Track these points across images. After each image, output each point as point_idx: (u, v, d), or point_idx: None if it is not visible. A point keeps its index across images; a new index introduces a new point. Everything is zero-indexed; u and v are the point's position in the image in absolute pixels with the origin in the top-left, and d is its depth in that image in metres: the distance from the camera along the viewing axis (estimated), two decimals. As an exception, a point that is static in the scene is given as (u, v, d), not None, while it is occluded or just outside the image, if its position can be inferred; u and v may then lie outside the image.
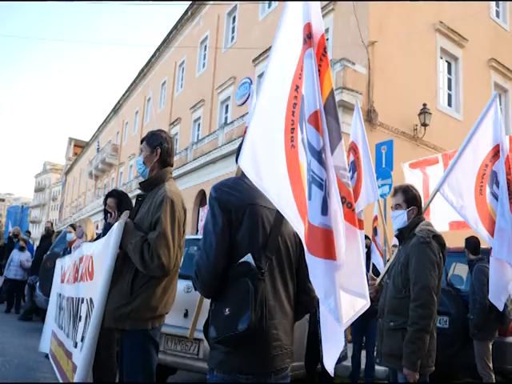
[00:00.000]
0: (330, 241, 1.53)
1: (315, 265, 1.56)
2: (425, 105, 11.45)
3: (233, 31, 19.25)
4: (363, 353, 5.45)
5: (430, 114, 11.52)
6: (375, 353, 3.18)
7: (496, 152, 3.49)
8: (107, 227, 2.98)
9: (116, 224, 2.48)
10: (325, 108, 1.64)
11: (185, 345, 4.08)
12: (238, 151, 1.84)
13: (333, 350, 1.72)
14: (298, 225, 1.69)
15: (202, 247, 1.72)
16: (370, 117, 10.81)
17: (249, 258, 1.67)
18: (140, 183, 2.69)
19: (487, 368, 4.73)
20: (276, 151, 1.73)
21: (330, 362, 1.72)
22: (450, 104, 13.60)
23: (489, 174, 3.50)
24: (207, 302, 1.82)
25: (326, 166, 1.56)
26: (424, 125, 11.51)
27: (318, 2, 1.80)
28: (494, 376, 4.73)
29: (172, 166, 2.74)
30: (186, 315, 4.02)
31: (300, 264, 1.80)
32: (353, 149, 4.46)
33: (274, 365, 1.69)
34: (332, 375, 1.77)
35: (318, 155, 1.57)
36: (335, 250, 1.53)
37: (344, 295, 1.59)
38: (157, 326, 2.49)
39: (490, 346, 4.78)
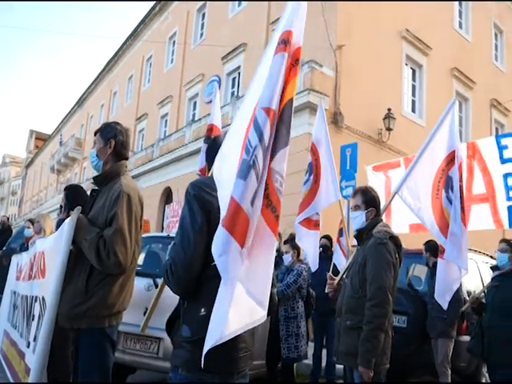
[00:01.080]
0: (245, 227, 1.52)
1: (222, 236, 1.52)
2: (389, 110, 11.72)
3: (202, 28, 19.10)
4: (324, 351, 5.52)
5: (395, 118, 11.81)
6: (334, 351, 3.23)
7: (452, 158, 3.61)
8: (59, 223, 2.87)
9: (67, 220, 2.38)
10: (281, 113, 1.66)
11: (144, 344, 4.01)
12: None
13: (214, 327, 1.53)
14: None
15: (178, 243, 1.69)
16: (336, 119, 10.96)
17: None
18: (94, 177, 2.60)
19: (447, 366, 4.92)
20: (236, 155, 1.72)
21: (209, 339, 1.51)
22: (413, 110, 13.98)
23: (445, 178, 3.62)
24: (165, 299, 1.78)
25: (264, 161, 1.59)
26: (388, 129, 11.78)
27: (304, 15, 1.86)
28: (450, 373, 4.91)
29: (127, 159, 2.67)
30: (145, 313, 3.95)
31: None
32: (312, 150, 4.49)
33: (239, 365, 1.74)
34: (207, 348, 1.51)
35: (263, 144, 1.58)
36: (245, 239, 1.52)
37: (246, 299, 1.54)
38: (114, 324, 2.43)
39: (452, 345, 4.96)
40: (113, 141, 2.55)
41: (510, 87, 17.59)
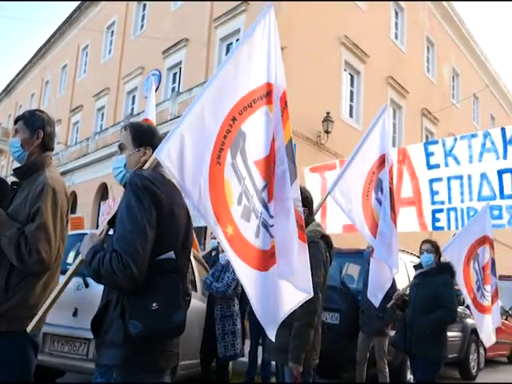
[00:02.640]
0: (255, 254, 2.10)
1: (239, 266, 2.05)
2: (328, 113, 12.07)
3: (142, 19, 18.57)
4: (260, 348, 5.58)
5: (333, 122, 12.18)
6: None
7: (382, 161, 3.79)
8: None
9: None
10: (287, 151, 2.17)
11: (73, 345, 3.85)
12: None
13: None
14: (217, 231, 1.95)
15: (129, 235, 1.63)
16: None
17: (172, 255, 1.70)
18: (15, 169, 2.40)
19: (386, 363, 5.20)
20: (201, 160, 1.91)
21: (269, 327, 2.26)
22: (351, 115, 14.49)
23: (375, 180, 3.79)
24: (95, 298, 1.70)
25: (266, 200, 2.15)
26: (327, 132, 12.13)
27: (280, 55, 2.23)
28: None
29: (53, 150, 2.52)
30: (75, 314, 3.80)
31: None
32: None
33: (173, 363, 1.77)
34: (273, 339, 2.23)
35: (258, 193, 2.12)
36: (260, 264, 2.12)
37: (291, 288, 2.22)
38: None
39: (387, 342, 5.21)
40: (41, 131, 2.39)
41: (439, 98, 18.78)
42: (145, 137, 1.98)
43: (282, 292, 2.22)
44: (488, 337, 4.53)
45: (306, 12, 12.22)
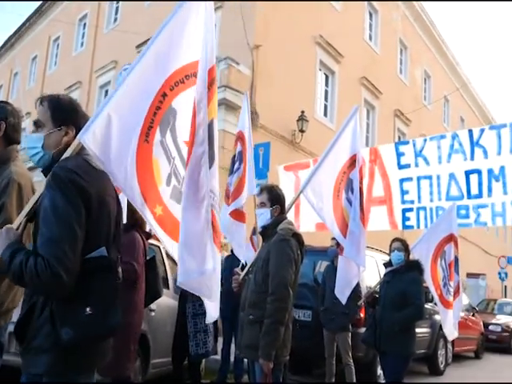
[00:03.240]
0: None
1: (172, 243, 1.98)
2: (303, 112, 12.13)
3: (116, 12, 18.20)
4: (233, 346, 5.59)
5: (307, 121, 12.24)
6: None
7: (353, 161, 3.85)
8: None
9: None
10: (209, 128, 1.98)
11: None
12: None
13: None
14: (144, 212, 1.90)
15: (57, 239, 1.48)
16: (251, 118, 11.07)
17: (104, 251, 1.57)
18: None
19: (351, 356, 5.28)
20: (128, 140, 1.84)
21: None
22: (325, 114, 14.61)
23: (346, 180, 3.85)
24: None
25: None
26: (301, 131, 12.19)
27: (213, 35, 2.10)
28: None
29: (19, 143, 2.42)
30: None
31: None
32: (240, 138, 4.48)
33: (105, 360, 1.72)
34: None
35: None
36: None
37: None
38: (2, 324, 2.23)
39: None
40: (3, 123, 2.30)
41: (411, 99, 19.15)
42: (67, 114, 1.76)
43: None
44: (451, 331, 4.66)
45: (281, 11, 12.24)
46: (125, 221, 3.34)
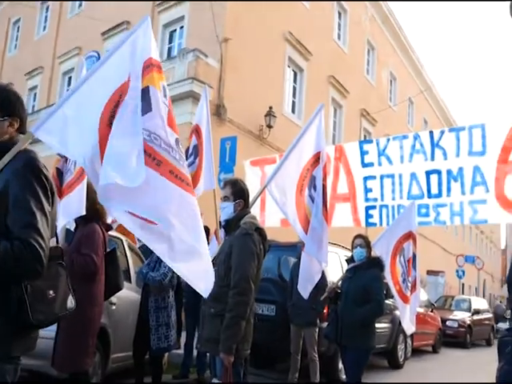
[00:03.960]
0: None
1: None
2: (271, 108, 12.17)
3: (81, -3, 17.67)
4: (196, 340, 5.56)
5: (275, 117, 12.29)
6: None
7: (317, 158, 3.89)
8: None
9: None
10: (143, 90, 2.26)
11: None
12: None
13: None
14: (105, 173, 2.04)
15: (38, 224, 1.56)
16: (219, 112, 11.05)
17: (54, 241, 1.75)
18: None
19: (316, 351, 5.36)
20: (93, 126, 2.10)
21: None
22: (293, 111, 14.70)
23: (309, 177, 3.88)
24: None
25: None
26: (269, 126, 12.23)
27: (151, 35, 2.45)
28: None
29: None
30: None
31: None
32: (196, 132, 4.43)
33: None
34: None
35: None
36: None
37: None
38: None
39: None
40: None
41: (377, 100, 19.54)
42: (15, 106, 1.78)
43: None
44: (409, 326, 4.80)
45: (251, 5, 12.19)
46: (84, 212, 3.26)
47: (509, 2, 0.86)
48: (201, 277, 2.25)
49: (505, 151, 4.09)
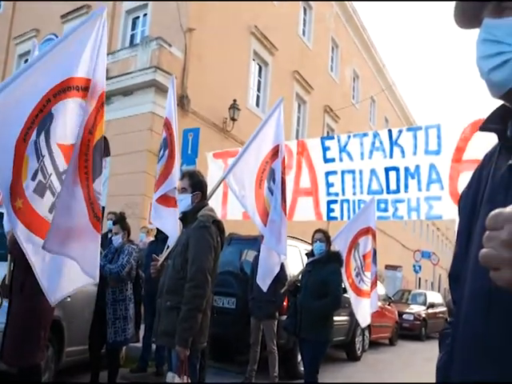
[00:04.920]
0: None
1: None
2: (235, 100, 12.10)
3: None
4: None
5: (239, 110, 12.24)
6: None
7: (276, 151, 3.91)
8: None
9: None
10: (94, 148, 2.45)
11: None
12: None
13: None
14: (7, 204, 2.14)
15: None
16: (182, 102, 10.88)
17: None
18: None
19: (275, 343, 5.39)
20: (9, 136, 2.14)
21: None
22: (258, 104, 14.69)
23: (268, 170, 3.90)
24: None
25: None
26: (233, 119, 12.16)
27: (105, 58, 2.55)
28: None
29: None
30: None
31: None
32: (166, 125, 4.38)
33: None
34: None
35: (59, 174, 2.38)
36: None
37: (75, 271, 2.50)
38: None
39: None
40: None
41: (341, 97, 19.82)
42: None
43: (71, 266, 2.52)
44: (364, 318, 4.92)
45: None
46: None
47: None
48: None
49: (458, 151, 4.25)
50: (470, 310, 0.83)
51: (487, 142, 0.97)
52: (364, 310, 4.89)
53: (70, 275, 2.53)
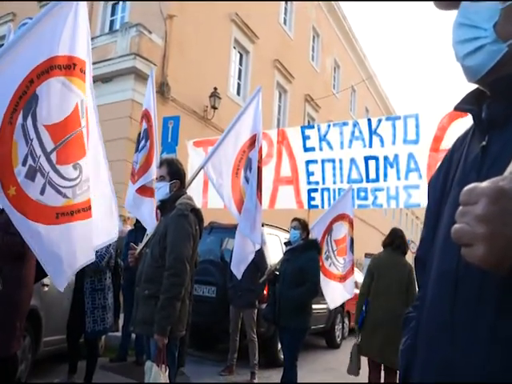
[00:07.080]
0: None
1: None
2: (216, 89, 12.00)
3: (16, -39, 16.38)
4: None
5: (220, 98, 12.15)
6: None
7: (253, 141, 3.91)
8: None
9: None
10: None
11: None
12: None
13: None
14: None
15: None
16: (162, 90, 10.74)
17: None
18: None
19: (255, 332, 5.43)
20: None
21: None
22: (238, 93, 14.60)
23: (245, 159, 3.90)
24: None
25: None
26: (214, 107, 12.07)
27: (89, 38, 2.50)
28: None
29: None
30: None
31: None
32: (146, 116, 4.32)
33: None
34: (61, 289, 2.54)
35: (47, 155, 2.30)
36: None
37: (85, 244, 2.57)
38: None
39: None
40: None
41: (321, 86, 19.85)
42: None
43: (75, 244, 2.49)
44: (332, 300, 4.97)
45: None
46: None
47: None
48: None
49: (436, 140, 4.31)
50: (436, 293, 0.82)
51: (464, 131, 0.98)
52: (333, 292, 4.94)
53: (68, 258, 2.49)
